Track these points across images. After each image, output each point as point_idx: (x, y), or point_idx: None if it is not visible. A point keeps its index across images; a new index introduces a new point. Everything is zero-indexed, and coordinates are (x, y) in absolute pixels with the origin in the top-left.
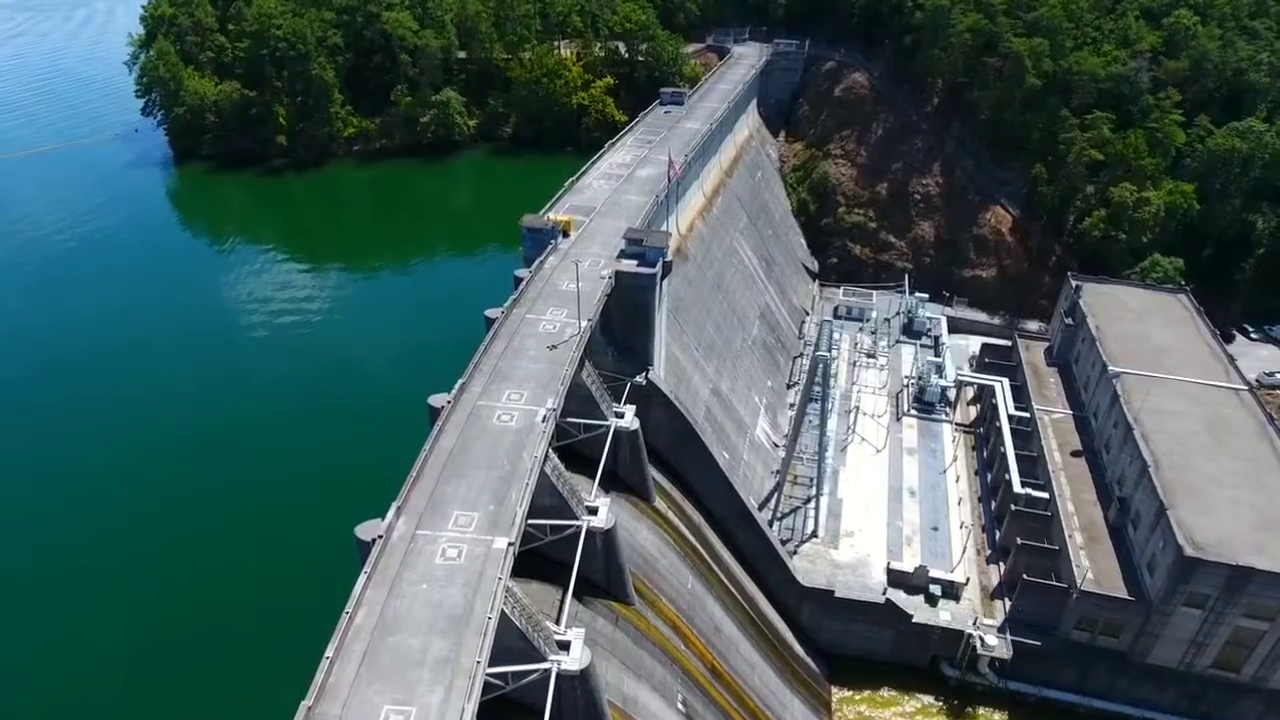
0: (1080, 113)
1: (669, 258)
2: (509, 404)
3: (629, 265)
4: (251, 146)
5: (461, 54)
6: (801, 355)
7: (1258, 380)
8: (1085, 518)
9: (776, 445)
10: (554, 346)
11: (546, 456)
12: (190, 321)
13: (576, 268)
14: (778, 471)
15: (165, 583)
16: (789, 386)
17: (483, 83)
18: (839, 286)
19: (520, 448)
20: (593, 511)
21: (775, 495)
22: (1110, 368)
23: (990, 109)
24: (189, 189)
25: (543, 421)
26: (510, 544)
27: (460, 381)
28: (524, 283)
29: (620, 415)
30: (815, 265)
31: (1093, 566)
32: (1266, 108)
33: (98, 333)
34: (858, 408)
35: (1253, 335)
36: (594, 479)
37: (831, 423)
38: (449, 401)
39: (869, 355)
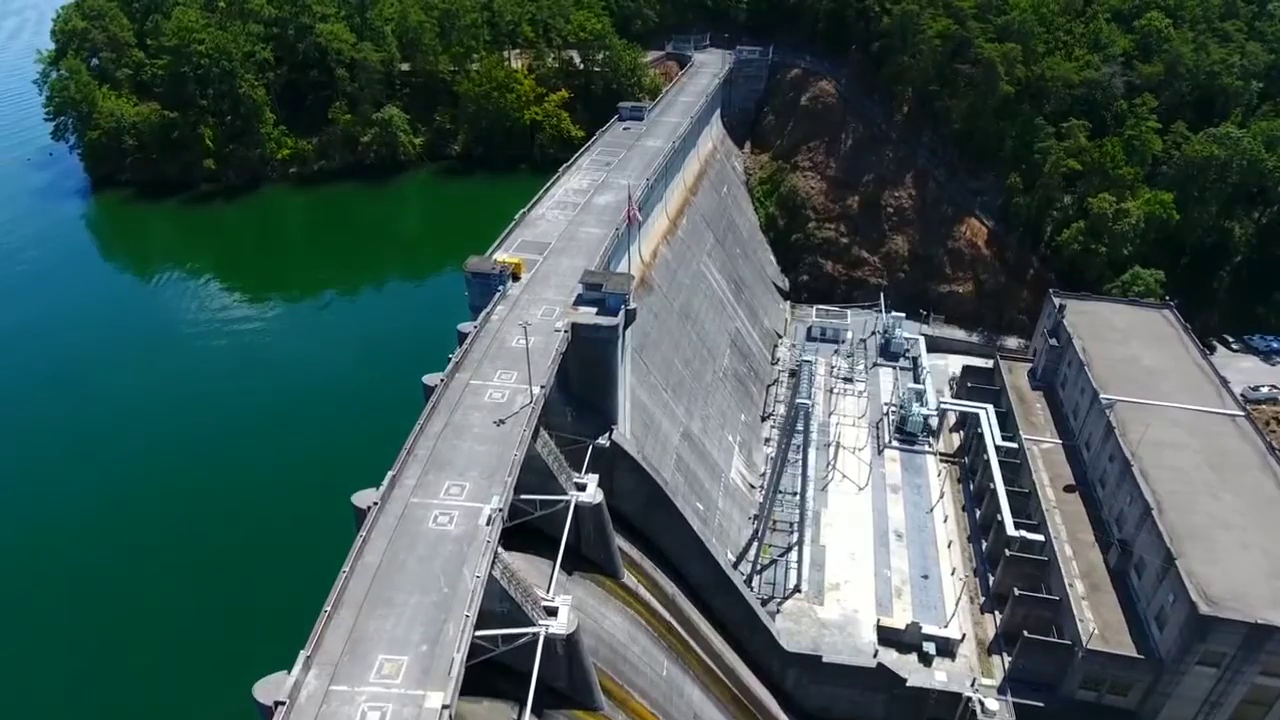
0: (1054, 120)
1: (632, 304)
2: (448, 500)
3: (587, 314)
4: (176, 171)
5: (404, 66)
6: (776, 382)
7: (1243, 395)
8: (1085, 562)
9: (753, 486)
10: (502, 421)
11: (495, 558)
12: (89, 384)
13: (525, 330)
14: (755, 517)
15: None
16: (764, 419)
17: (428, 98)
18: (812, 306)
19: (461, 561)
20: (552, 613)
21: (754, 545)
22: (1102, 396)
23: (962, 117)
24: (105, 219)
25: (487, 525)
26: (445, 706)
27: (390, 473)
28: (468, 340)
29: (581, 487)
30: (786, 283)
31: (1096, 619)
32: (1240, 112)
33: None
34: (838, 442)
35: (1234, 346)
36: (554, 560)
37: (811, 460)
38: (375, 503)
39: (846, 380)
